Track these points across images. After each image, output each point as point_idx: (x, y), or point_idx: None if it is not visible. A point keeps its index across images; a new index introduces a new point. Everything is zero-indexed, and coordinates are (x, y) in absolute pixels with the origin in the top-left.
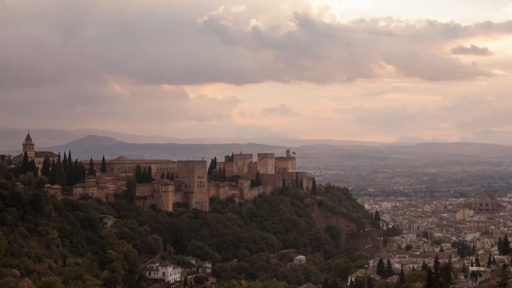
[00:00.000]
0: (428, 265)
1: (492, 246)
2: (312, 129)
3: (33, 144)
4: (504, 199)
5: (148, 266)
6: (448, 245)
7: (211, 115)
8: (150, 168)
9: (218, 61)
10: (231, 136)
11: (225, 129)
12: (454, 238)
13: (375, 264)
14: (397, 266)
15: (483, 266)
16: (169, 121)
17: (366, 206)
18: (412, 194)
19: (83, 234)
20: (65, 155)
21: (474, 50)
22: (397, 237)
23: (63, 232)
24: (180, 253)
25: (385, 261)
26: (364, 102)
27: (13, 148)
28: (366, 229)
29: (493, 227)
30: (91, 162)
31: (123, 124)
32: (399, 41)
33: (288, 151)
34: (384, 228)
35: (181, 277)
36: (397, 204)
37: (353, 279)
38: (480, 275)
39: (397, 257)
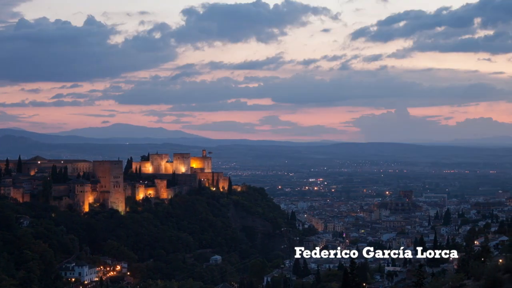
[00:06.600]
0: (344, 265)
1: (408, 246)
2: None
3: None
4: (420, 199)
5: (64, 266)
6: (364, 245)
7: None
8: (66, 168)
9: None
10: (147, 136)
11: (142, 129)
12: (370, 238)
13: (291, 264)
14: (313, 266)
15: (399, 266)
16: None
17: (282, 206)
18: (328, 194)
19: None
20: None
21: None
22: (313, 237)
23: None
24: (96, 253)
25: (301, 261)
26: None
27: None
28: (282, 229)
29: (409, 227)
30: (7, 162)
31: (41, 125)
32: None
33: (204, 151)
34: (300, 228)
35: (97, 277)
36: (313, 204)
37: (269, 279)
38: (396, 275)
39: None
